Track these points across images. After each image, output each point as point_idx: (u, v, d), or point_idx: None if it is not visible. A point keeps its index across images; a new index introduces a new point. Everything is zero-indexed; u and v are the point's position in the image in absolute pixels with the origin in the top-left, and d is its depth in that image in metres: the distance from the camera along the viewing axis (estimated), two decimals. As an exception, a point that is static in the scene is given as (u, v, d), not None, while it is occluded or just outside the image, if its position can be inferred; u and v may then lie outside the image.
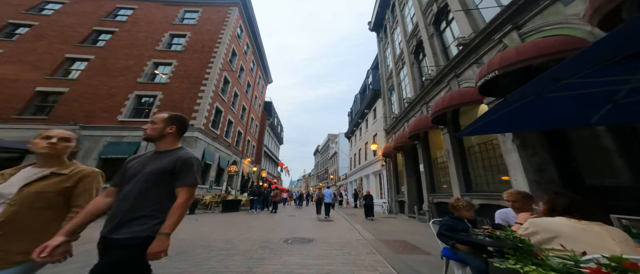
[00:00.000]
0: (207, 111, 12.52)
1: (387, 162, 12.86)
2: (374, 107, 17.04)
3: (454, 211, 2.06)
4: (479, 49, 5.39)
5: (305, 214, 10.88)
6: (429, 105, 8.09)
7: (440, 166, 7.56)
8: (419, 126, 7.40)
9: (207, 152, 12.39)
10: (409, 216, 9.41)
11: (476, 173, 5.55)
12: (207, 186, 12.69)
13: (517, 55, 3.40)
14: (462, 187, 5.63)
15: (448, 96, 5.55)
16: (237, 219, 7.84)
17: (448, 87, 6.61)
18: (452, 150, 6.10)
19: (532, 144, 3.76)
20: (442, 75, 6.91)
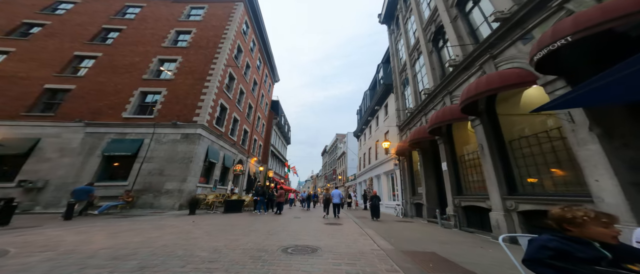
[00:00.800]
0: (211, 108, 12.08)
1: (401, 161, 11.84)
2: (385, 103, 16.03)
3: (568, 227, 1.18)
4: (524, 23, 4.41)
5: (311, 216, 10.11)
6: (453, 94, 7.09)
7: (469, 164, 6.54)
8: (442, 118, 6.43)
9: (211, 150, 11.93)
10: (428, 220, 8.39)
11: (522, 171, 4.53)
12: (211, 185, 12.24)
13: (604, 15, 2.46)
14: (503, 189, 4.63)
15: (483, 79, 4.59)
16: (237, 221, 7.19)
17: (480, 71, 5.62)
18: (487, 144, 5.11)
19: (621, 133, 2.78)
20: (472, 58, 5.92)
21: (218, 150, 12.92)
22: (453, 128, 7.47)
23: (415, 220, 9.19)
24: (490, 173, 4.87)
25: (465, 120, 6.11)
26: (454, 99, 7.02)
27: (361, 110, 23.59)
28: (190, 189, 9.95)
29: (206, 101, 11.82)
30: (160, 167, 9.69)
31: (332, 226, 7.18)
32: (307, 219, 8.89)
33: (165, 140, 10.29)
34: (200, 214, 8.61)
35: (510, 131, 4.91)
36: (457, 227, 6.27)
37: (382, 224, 7.85)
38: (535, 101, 4.62)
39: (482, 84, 4.54)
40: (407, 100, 12.28)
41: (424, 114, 9.35)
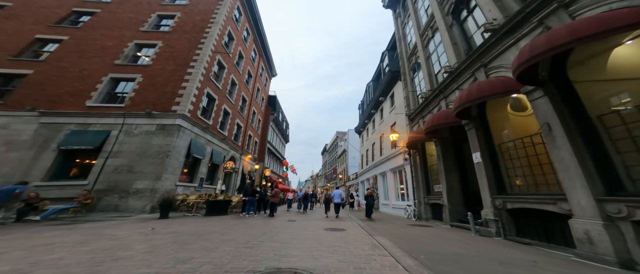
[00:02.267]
0: (195, 96, 10.52)
1: (412, 155, 10.28)
2: (391, 93, 14.47)
3: None
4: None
5: (309, 219, 8.55)
6: (490, 67, 5.53)
7: (516, 154, 4.97)
8: (478, 94, 4.87)
9: (195, 144, 10.36)
10: (452, 224, 6.82)
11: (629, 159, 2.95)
12: (195, 184, 10.66)
13: None
14: (595, 186, 3.06)
15: (552, 35, 3.04)
16: (214, 227, 5.62)
17: (542, 28, 4.03)
18: (559, 122, 3.53)
19: None
20: (521, 17, 4.37)
21: (204, 145, 11.35)
22: (487, 110, 5.90)
23: (432, 224, 7.62)
24: (569, 163, 3.30)
25: (502, 100, 4.55)
26: (492, 72, 5.47)
27: (363, 104, 22.03)
28: (167, 189, 8.38)
29: (189, 88, 10.26)
30: (130, 163, 8.12)
31: (333, 232, 5.63)
32: (303, 223, 7.33)
33: (137, 132, 8.72)
34: (176, 218, 7.03)
35: (594, 103, 3.35)
36: (500, 235, 4.71)
37: (395, 229, 6.29)
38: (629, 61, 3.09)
39: (554, 37, 2.97)
40: (419, 85, 10.71)
41: (444, 97, 7.80)
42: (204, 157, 11.11)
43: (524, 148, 4.73)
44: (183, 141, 9.52)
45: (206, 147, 11.61)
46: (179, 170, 9.22)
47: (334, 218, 9.56)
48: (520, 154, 4.81)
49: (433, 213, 8.69)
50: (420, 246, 4.06)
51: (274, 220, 8.04)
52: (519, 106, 5.28)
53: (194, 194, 9.82)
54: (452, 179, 7.34)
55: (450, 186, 7.27)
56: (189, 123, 10.04)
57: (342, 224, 7.58)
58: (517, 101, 5.31)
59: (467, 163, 7.24)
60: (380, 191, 15.25)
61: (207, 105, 12.43)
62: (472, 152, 5.96)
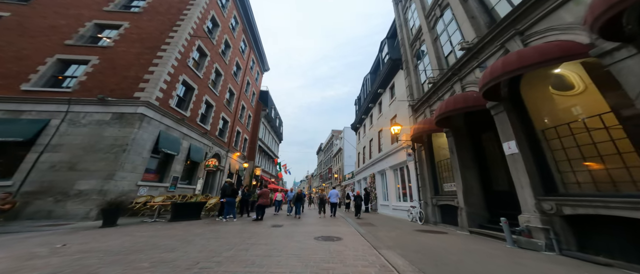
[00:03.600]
0: (166, 83, 8.95)
1: (417, 150, 8.97)
2: (391, 84, 13.18)
3: None
4: None
5: (298, 224, 7.10)
6: (528, 33, 4.24)
7: (569, 142, 3.66)
8: (520, 62, 3.57)
9: (166, 137, 8.78)
10: (472, 230, 5.50)
11: None
12: (167, 184, 9.05)
13: None
14: None
15: None
16: (165, 239, 4.12)
17: None
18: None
19: None
20: None
21: (178, 139, 9.75)
22: (522, 88, 4.60)
23: (444, 229, 6.28)
24: None
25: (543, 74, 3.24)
26: (534, 39, 4.17)
27: (360, 99, 20.75)
28: (123, 190, 6.79)
29: (158, 73, 8.68)
30: (72, 158, 6.51)
31: (326, 243, 4.25)
32: (290, 229, 5.90)
33: (85, 121, 7.11)
34: (126, 226, 5.45)
35: None
36: (553, 249, 3.39)
37: (403, 237, 4.94)
38: None
39: None
40: (424, 72, 9.43)
41: (459, 79, 6.51)
42: (178, 153, 9.52)
43: (588, 133, 3.42)
44: (148, 133, 7.93)
45: (181, 141, 10.02)
46: (142, 167, 7.63)
47: (329, 217, 9.69)
48: (582, 141, 3.50)
49: (443, 215, 7.38)
50: (449, 268, 2.68)
51: (255, 226, 6.56)
52: (563, 84, 4.01)
53: (164, 195, 8.22)
54: (469, 177, 6.03)
55: (467, 184, 5.95)
56: (158, 113, 8.46)
57: (337, 230, 6.18)
58: (560, 78, 4.05)
59: (488, 157, 5.95)
60: (378, 190, 13.93)
61: (184, 95, 10.84)
62: (502, 141, 4.64)
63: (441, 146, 7.88)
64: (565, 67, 3.94)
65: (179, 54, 9.98)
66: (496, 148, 5.64)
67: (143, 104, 7.76)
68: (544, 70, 4.16)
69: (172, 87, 9.42)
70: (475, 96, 5.44)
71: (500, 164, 5.48)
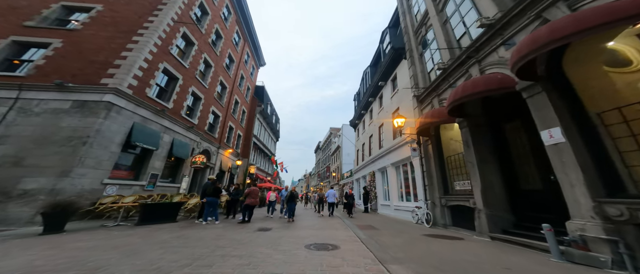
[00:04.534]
0: (142, 70, 7.90)
1: (423, 144, 8.01)
2: (392, 75, 12.21)
3: None
4: None
5: (289, 227, 6.10)
6: None
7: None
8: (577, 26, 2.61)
9: (141, 130, 7.75)
10: (492, 236, 4.54)
11: None
12: (143, 182, 8.02)
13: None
14: None
15: None
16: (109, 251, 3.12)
17: None
18: None
19: None
20: None
21: (158, 132, 8.71)
22: (566, 65, 3.63)
23: (456, 232, 5.33)
24: None
25: None
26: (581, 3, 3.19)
27: (359, 94, 19.77)
28: (83, 189, 5.77)
29: (132, 59, 7.64)
30: (20, 152, 5.48)
31: (319, 254, 3.37)
32: (279, 234, 4.94)
33: (38, 110, 6.07)
34: (78, 231, 4.42)
35: None
36: (625, 268, 2.43)
37: (413, 246, 3.99)
38: None
39: None
40: (432, 59, 8.47)
41: (477, 61, 5.55)
42: (157, 148, 8.48)
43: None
44: (118, 125, 6.89)
45: (162, 135, 8.98)
46: (109, 163, 6.60)
47: (326, 217, 9.64)
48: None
49: (454, 217, 6.44)
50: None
51: (238, 230, 5.58)
52: (619, 60, 3.06)
53: (136, 195, 7.19)
54: (489, 173, 5.07)
55: (486, 182, 4.99)
56: (131, 102, 7.41)
57: (334, 235, 5.24)
58: (613, 53, 3.11)
59: (512, 150, 4.99)
60: (379, 189, 12.99)
61: (166, 84, 9.78)
62: (539, 129, 3.67)
63: (451, 139, 6.93)
64: (621, 39, 3.00)
65: (160, 39, 8.92)
66: (523, 139, 4.69)
67: (111, 91, 6.71)
68: (596, 43, 3.21)
69: (149, 75, 8.37)
70: (499, 78, 4.48)
71: (528, 158, 4.53)
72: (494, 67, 5.00)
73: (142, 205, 5.76)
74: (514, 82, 4.23)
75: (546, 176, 4.02)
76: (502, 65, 4.75)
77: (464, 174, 6.20)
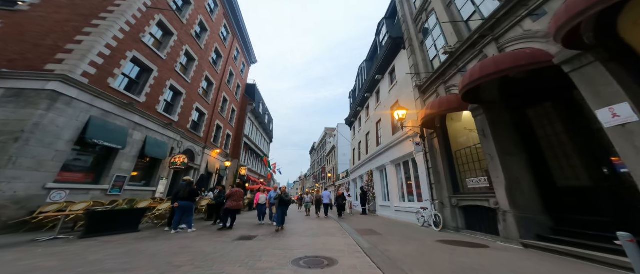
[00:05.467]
0: (103, 57, 6.73)
1: (428, 138, 7.13)
2: (390, 68, 11.38)
3: None
4: None
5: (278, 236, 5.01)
6: None
7: None
8: None
9: (101, 125, 6.54)
10: (524, 243, 3.63)
11: None
12: (106, 185, 6.77)
13: None
14: None
15: None
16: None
17: None
18: None
19: None
20: None
21: (125, 128, 7.48)
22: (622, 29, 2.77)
23: (473, 237, 4.40)
24: None
25: None
26: None
27: (355, 91, 18.93)
28: (16, 195, 4.54)
29: (89, 43, 6.46)
30: None
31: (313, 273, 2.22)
32: (262, 245, 3.91)
33: (-45, 96, 4.79)
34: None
35: None
36: None
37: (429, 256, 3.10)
38: None
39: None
40: (434, 46, 7.66)
41: (494, 38, 4.69)
42: (124, 147, 7.25)
43: None
44: (66, 118, 5.67)
45: (131, 132, 7.75)
46: (55, 163, 5.37)
47: (322, 218, 9.81)
48: None
49: (468, 220, 5.53)
50: None
51: (213, 239, 4.50)
52: None
53: (89, 202, 5.94)
54: (514, 167, 4.18)
55: (512, 178, 4.10)
56: (87, 93, 6.20)
57: (330, 243, 4.29)
58: None
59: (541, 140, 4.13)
60: (377, 189, 12.06)
61: (137, 76, 8.56)
62: (594, 108, 2.80)
63: (459, 131, 6.08)
64: None
65: (128, 25, 7.74)
66: (557, 125, 3.82)
67: (57, 78, 5.50)
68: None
69: (113, 64, 7.16)
70: (529, 53, 3.62)
71: (565, 147, 3.66)
72: (518, 43, 4.14)
73: (87, 213, 4.56)
74: (548, 57, 3.38)
75: (595, 169, 3.14)
76: (529, 39, 3.91)
77: (478, 170, 5.32)
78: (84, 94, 6.12)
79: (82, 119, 6.06)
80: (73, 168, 6.11)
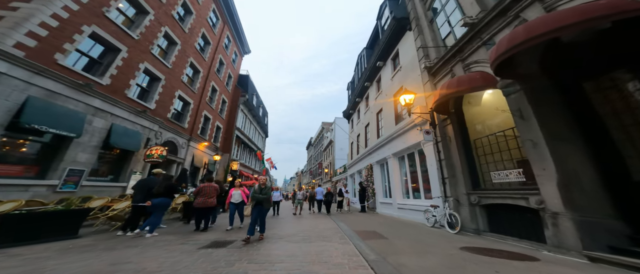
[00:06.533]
0: (46, 28, 5.43)
1: (440, 126, 6.06)
2: (393, 53, 10.23)
3: None
4: None
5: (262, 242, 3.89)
6: None
7: None
8: None
9: (44, 108, 5.28)
10: (590, 256, 2.59)
11: None
12: (55, 180, 5.53)
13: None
14: None
15: None
16: None
17: None
18: None
19: None
20: None
21: (79, 113, 6.19)
22: None
23: (501, 241, 3.36)
24: None
25: None
26: None
27: (354, 81, 17.75)
28: None
29: (28, 11, 5.16)
30: None
31: None
32: (236, 256, 2.80)
33: None
34: None
35: None
36: None
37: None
38: None
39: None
40: (447, 23, 6.54)
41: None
42: (79, 135, 5.97)
43: None
44: None
45: (89, 118, 6.46)
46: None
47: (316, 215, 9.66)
48: None
49: (491, 220, 4.52)
50: None
51: (174, 246, 3.39)
52: None
53: (20, 201, 4.71)
54: (570, 156, 3.12)
55: (567, 170, 3.05)
56: (22, 68, 4.89)
57: (325, 251, 3.23)
58: None
59: (607, 121, 3.06)
60: (378, 185, 11.05)
61: (101, 55, 7.21)
62: None
63: (476, 117, 5.04)
64: None
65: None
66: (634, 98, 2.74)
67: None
68: None
69: (63, 38, 5.83)
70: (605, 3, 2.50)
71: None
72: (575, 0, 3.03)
73: (4, 218, 3.35)
74: (630, 5, 2.28)
75: None
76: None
77: (506, 161, 4.29)
78: (17, 69, 4.82)
79: (14, 98, 4.77)
80: (7, 160, 4.85)
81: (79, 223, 4.14)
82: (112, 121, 7.20)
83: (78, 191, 6.05)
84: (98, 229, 4.99)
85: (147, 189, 4.66)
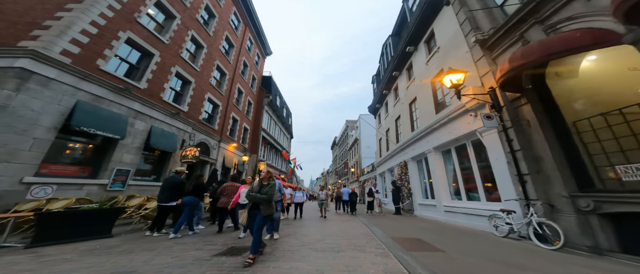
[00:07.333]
0: (87, 35, 5.76)
1: (507, 108, 4.71)
2: (427, 35, 8.86)
3: None
4: None
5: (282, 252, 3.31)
6: None
7: None
8: None
9: (92, 111, 5.60)
10: None
11: None
12: (105, 180, 5.87)
13: None
14: None
15: None
16: None
17: None
18: None
19: None
20: None
21: (123, 116, 6.53)
22: None
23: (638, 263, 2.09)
24: None
25: None
26: None
27: (379, 74, 16.43)
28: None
29: (70, 20, 5.49)
30: None
31: None
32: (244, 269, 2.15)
33: None
34: None
35: None
36: None
37: None
38: None
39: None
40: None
41: None
42: (123, 137, 6.29)
43: None
44: (44, 101, 4.72)
45: (132, 121, 6.80)
46: (34, 154, 4.49)
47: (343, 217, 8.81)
48: None
49: (622, 236, 3.15)
50: None
51: (185, 253, 3.00)
52: None
53: (71, 199, 4.97)
54: None
55: None
56: (70, 74, 5.22)
57: (358, 265, 2.33)
58: None
59: None
60: (414, 184, 9.72)
61: (138, 61, 7.61)
62: None
63: (574, 92, 3.63)
64: None
65: (118, 3, 6.69)
66: None
67: (28, 54, 4.53)
68: None
69: (103, 44, 6.16)
70: None
71: None
72: None
73: (37, 215, 3.40)
74: None
75: None
76: None
77: (634, 152, 2.89)
78: (65, 75, 5.13)
79: (66, 103, 5.10)
80: (63, 160, 5.22)
81: (112, 222, 4.13)
82: (151, 123, 7.54)
83: (125, 190, 6.37)
84: (134, 227, 5.03)
85: (169, 187, 4.52)
